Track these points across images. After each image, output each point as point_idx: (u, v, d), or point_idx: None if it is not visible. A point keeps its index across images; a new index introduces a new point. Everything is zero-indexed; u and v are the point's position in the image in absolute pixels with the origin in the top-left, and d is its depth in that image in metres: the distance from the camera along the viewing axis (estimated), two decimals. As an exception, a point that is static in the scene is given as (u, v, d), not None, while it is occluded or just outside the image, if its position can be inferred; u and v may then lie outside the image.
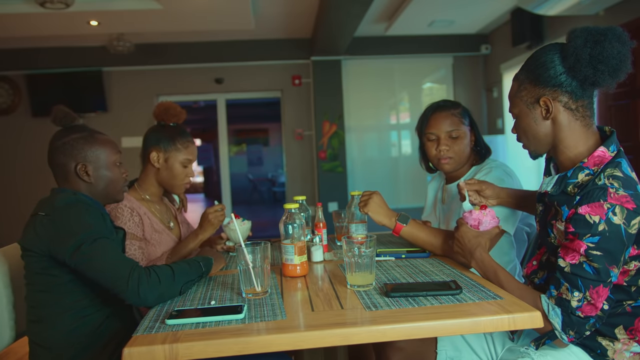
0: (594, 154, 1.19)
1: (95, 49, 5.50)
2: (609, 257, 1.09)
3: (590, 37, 1.14)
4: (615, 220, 1.08)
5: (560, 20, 4.41)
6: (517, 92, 1.28)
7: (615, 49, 1.12)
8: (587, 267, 1.10)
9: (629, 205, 1.08)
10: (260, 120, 11.86)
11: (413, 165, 6.00)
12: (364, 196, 1.63)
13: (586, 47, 1.14)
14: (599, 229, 1.08)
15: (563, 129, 1.22)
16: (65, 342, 1.31)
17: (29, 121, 5.48)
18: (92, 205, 1.32)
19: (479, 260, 1.33)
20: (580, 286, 1.11)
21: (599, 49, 1.13)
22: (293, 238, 1.42)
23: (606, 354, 1.20)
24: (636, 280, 1.17)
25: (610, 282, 1.11)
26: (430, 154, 1.77)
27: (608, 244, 1.08)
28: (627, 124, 3.83)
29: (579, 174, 1.19)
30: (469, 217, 1.39)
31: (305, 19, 5.00)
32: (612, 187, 1.10)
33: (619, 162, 1.16)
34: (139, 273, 1.20)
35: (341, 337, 1.00)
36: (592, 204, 1.10)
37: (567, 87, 1.19)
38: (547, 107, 1.21)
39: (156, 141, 1.78)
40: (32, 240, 1.27)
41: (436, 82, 6.27)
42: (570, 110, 1.21)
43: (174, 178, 1.79)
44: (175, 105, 1.84)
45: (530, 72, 1.24)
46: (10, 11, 4.06)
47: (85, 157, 1.39)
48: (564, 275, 1.14)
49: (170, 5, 4.19)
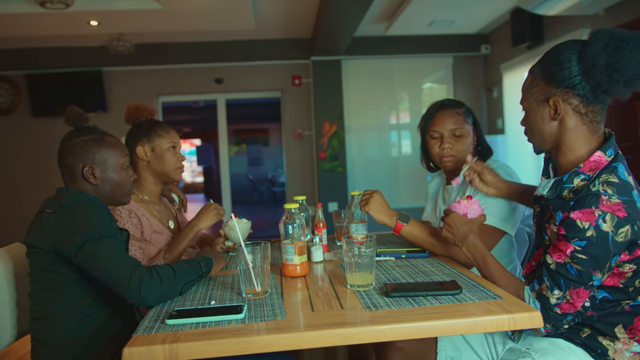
0: (590, 159, 1.18)
1: (95, 49, 5.50)
2: (593, 262, 1.10)
3: (612, 43, 1.11)
4: (604, 228, 1.08)
5: (560, 20, 4.41)
6: (530, 86, 1.27)
7: (635, 59, 1.09)
8: (571, 268, 1.12)
9: (620, 214, 1.08)
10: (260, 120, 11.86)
11: (413, 165, 6.01)
12: (365, 195, 1.63)
13: (605, 52, 1.11)
14: (587, 234, 1.09)
15: (569, 131, 1.21)
16: (68, 341, 1.31)
17: (29, 121, 5.48)
18: (98, 205, 1.33)
19: (471, 244, 1.37)
20: (562, 285, 1.14)
21: (618, 56, 1.10)
22: (293, 238, 1.42)
23: (607, 353, 1.20)
24: (633, 282, 1.18)
25: (591, 285, 1.13)
26: (433, 152, 1.76)
27: (594, 249, 1.09)
28: (627, 124, 3.83)
29: (575, 178, 1.19)
30: (458, 206, 1.43)
31: (305, 19, 5.00)
32: (605, 194, 1.10)
33: (615, 166, 1.15)
34: (140, 273, 1.20)
35: (341, 337, 1.00)
36: (583, 210, 1.10)
37: (579, 90, 1.17)
38: (556, 108, 1.20)
39: (137, 137, 1.79)
40: (39, 237, 1.28)
41: (436, 82, 6.27)
42: (580, 114, 1.19)
43: (166, 164, 1.80)
44: (143, 104, 1.88)
45: (545, 68, 1.22)
46: (10, 11, 4.06)
47: (93, 159, 1.40)
48: (548, 272, 1.16)
49: (170, 5, 4.19)
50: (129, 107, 1.86)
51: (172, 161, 1.80)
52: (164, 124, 1.84)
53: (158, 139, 1.79)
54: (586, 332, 1.23)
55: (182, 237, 1.72)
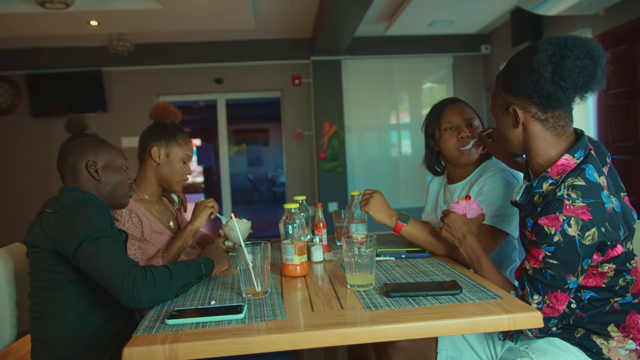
0: (558, 163, 1.18)
1: (95, 49, 5.50)
2: (565, 266, 1.11)
3: (557, 52, 1.10)
4: (570, 232, 1.08)
5: (560, 20, 4.42)
6: (495, 94, 1.28)
7: (578, 67, 1.09)
8: (545, 273, 1.13)
9: (585, 217, 1.08)
10: (260, 120, 11.86)
11: (413, 165, 6.01)
12: (365, 195, 1.63)
13: (550, 63, 1.10)
14: (555, 239, 1.10)
15: (533, 137, 1.21)
16: (68, 340, 1.31)
17: (29, 121, 5.48)
18: (99, 205, 1.33)
19: (468, 245, 1.38)
20: (540, 289, 1.15)
21: (562, 66, 1.09)
22: (293, 238, 1.42)
23: (602, 352, 1.20)
24: (617, 281, 1.18)
25: (568, 289, 1.13)
26: (449, 145, 1.69)
27: (563, 254, 1.10)
28: (627, 124, 3.83)
29: (543, 183, 1.19)
30: (457, 207, 1.43)
31: (305, 19, 5.00)
32: (568, 198, 1.10)
33: (583, 168, 1.15)
34: (134, 273, 1.19)
35: (341, 337, 1.00)
36: (549, 216, 1.11)
37: (535, 98, 1.16)
38: (516, 116, 1.21)
39: (156, 137, 1.80)
40: (39, 237, 1.28)
41: (436, 82, 6.27)
42: (540, 120, 1.19)
43: (174, 174, 1.81)
44: (172, 106, 1.89)
45: (504, 77, 1.23)
46: (10, 11, 4.06)
47: (96, 155, 1.43)
48: (527, 278, 1.18)
49: (170, 5, 4.19)
50: (158, 105, 1.88)
51: (180, 172, 1.82)
52: (185, 134, 1.85)
53: (176, 146, 1.81)
54: (580, 332, 1.23)
55: (178, 237, 1.72)
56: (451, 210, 1.44)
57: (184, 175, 1.84)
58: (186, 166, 1.84)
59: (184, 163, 1.83)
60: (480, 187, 1.62)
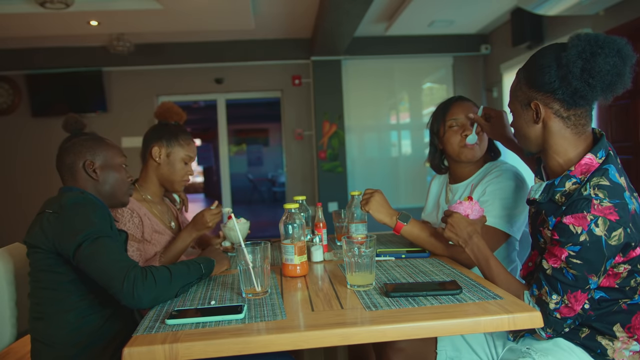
0: (581, 162, 1.18)
1: (95, 49, 5.50)
2: (589, 266, 1.10)
3: (588, 48, 1.11)
4: (597, 232, 1.08)
5: (560, 20, 4.41)
6: (515, 89, 1.28)
7: (609, 65, 1.09)
8: (567, 273, 1.12)
9: (612, 217, 1.08)
10: (260, 120, 11.85)
11: (413, 165, 6.01)
12: (365, 194, 1.62)
13: (579, 59, 1.11)
14: (580, 239, 1.09)
15: (553, 135, 1.21)
16: (68, 341, 1.31)
17: (29, 121, 5.48)
18: (99, 205, 1.33)
19: (475, 245, 1.36)
20: (559, 289, 1.14)
21: (592, 63, 1.09)
22: (293, 238, 1.42)
23: (606, 353, 1.20)
24: (628, 282, 1.18)
25: (588, 289, 1.13)
26: (452, 142, 1.70)
27: (588, 254, 1.09)
28: (627, 124, 3.82)
29: (566, 182, 1.19)
30: (459, 207, 1.42)
31: (305, 19, 5.00)
32: (596, 198, 1.10)
33: (606, 169, 1.15)
34: (134, 274, 1.19)
35: (341, 337, 1.00)
36: (575, 215, 1.10)
37: (559, 95, 1.16)
38: (537, 111, 1.20)
39: (158, 137, 1.80)
40: (39, 237, 1.28)
41: (436, 82, 6.27)
42: (562, 117, 1.19)
43: (174, 174, 1.81)
44: (176, 106, 1.90)
45: (528, 72, 1.23)
46: (10, 11, 4.06)
47: (94, 154, 1.43)
48: (545, 277, 1.16)
49: (170, 5, 4.19)
50: (163, 105, 1.90)
51: (180, 173, 1.82)
52: (187, 135, 1.85)
53: (177, 147, 1.81)
54: (585, 332, 1.23)
55: (177, 243, 1.71)
56: (454, 211, 1.44)
57: (185, 176, 1.84)
58: (187, 167, 1.85)
59: (185, 164, 1.83)
60: (484, 188, 1.62)
